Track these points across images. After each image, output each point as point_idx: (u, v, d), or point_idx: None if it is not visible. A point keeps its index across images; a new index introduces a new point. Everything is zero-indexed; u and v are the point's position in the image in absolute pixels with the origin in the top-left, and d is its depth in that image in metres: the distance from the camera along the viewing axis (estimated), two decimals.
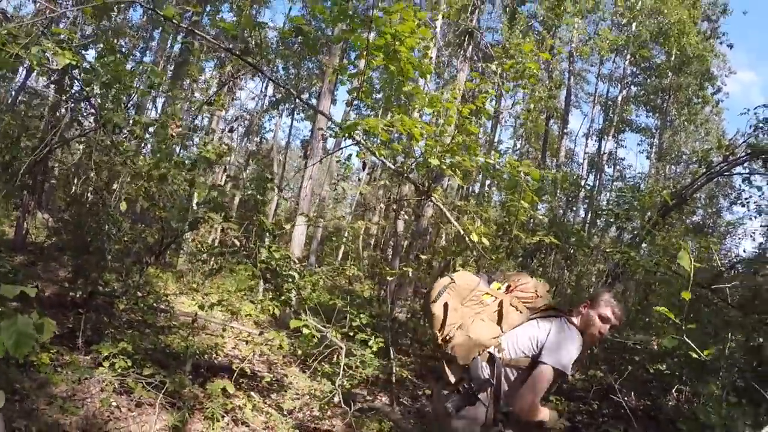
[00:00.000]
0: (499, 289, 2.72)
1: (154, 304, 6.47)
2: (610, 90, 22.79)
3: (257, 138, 22.06)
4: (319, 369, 5.19)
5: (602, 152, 20.96)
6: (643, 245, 6.05)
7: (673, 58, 18.94)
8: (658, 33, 18.25)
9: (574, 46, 18.78)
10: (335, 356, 4.93)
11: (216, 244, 10.16)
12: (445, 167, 3.49)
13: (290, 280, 5.22)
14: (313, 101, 21.65)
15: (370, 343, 5.20)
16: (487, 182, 18.75)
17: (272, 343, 5.75)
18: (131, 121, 4.21)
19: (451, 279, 2.67)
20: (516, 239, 4.80)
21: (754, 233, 13.16)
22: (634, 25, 18.98)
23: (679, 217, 8.61)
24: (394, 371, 5.50)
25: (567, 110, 20.20)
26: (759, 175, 6.79)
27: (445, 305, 2.55)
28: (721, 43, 19.88)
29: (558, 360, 2.36)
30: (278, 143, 24.69)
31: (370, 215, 17.99)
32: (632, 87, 21.88)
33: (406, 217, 10.37)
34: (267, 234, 4.79)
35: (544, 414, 2.43)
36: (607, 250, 5.28)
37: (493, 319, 2.55)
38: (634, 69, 21.07)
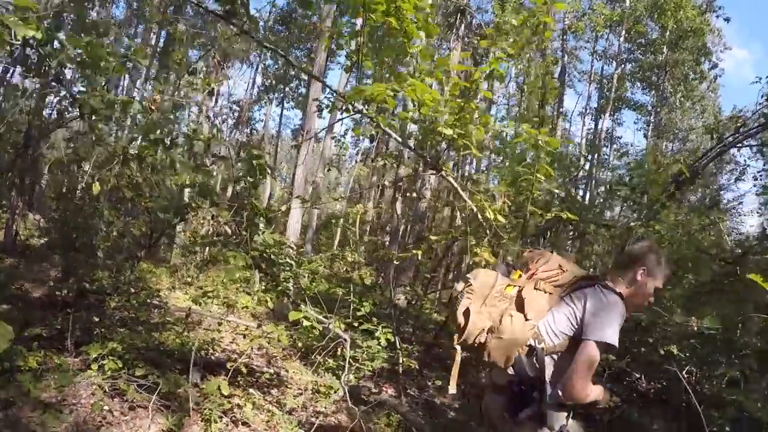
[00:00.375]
0: (519, 276, 2.46)
1: (147, 300, 6.22)
2: (605, 68, 22.55)
3: (247, 129, 21.66)
4: (322, 363, 4.94)
5: (599, 130, 20.78)
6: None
7: (668, 33, 18.66)
8: (653, 7, 17.96)
9: (568, 23, 18.47)
10: (339, 349, 4.67)
11: (208, 234, 9.87)
12: (456, 137, 3.22)
13: (287, 268, 4.95)
14: (302, 90, 21.28)
15: (377, 334, 4.93)
16: (484, 162, 18.51)
17: (271, 336, 5.49)
18: (109, 104, 3.87)
19: (467, 281, 2.42)
20: (527, 217, 4.52)
21: (761, 209, 12.87)
22: (628, 0, 18.68)
23: (682, 193, 8.39)
24: (401, 362, 5.25)
25: (562, 89, 19.96)
26: None
27: (466, 311, 2.31)
28: (717, 17, 19.56)
29: (602, 333, 2.12)
30: (269, 133, 24.32)
31: (365, 201, 17.76)
32: (627, 64, 21.61)
33: (411, 194, 10.08)
34: (260, 219, 4.49)
35: (597, 393, 2.20)
36: (631, 224, 5.01)
37: (520, 311, 2.31)
38: (629, 45, 20.79)
